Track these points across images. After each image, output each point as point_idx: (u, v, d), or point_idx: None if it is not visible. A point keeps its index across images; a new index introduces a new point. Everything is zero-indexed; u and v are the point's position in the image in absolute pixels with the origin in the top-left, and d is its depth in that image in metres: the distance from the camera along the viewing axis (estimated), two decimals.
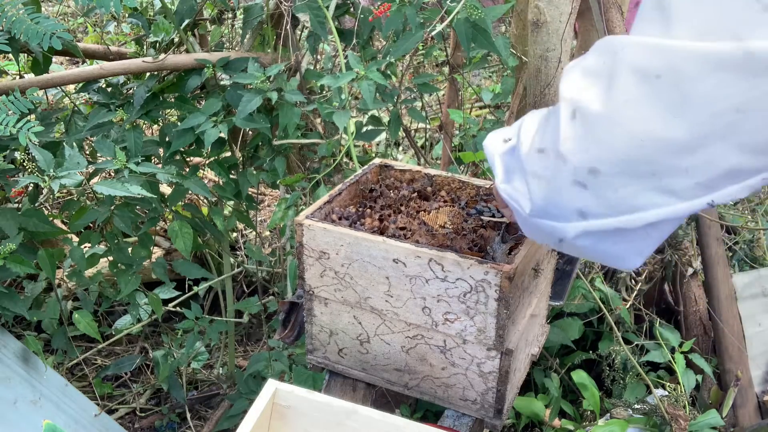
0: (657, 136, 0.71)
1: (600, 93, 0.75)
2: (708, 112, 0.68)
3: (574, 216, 0.83)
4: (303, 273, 1.35)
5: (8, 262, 1.70)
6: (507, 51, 1.79)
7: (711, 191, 0.72)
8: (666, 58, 0.69)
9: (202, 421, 2.45)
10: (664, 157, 0.72)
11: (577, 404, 2.21)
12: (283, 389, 1.17)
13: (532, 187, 0.87)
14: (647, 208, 0.76)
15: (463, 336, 1.24)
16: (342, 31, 2.01)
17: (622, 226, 0.79)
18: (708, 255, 2.24)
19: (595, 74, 0.77)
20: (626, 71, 0.72)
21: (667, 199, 0.75)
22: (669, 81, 0.69)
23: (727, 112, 0.67)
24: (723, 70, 0.66)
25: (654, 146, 0.72)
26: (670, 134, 0.71)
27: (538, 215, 0.88)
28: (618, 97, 0.73)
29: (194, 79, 1.96)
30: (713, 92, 0.67)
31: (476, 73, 4.64)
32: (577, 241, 0.85)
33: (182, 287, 2.43)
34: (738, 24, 0.65)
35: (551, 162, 0.83)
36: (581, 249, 0.87)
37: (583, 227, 0.82)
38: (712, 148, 0.70)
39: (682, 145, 0.71)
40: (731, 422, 2.17)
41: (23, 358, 1.93)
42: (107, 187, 1.61)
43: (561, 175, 0.81)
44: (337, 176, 2.33)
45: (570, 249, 0.90)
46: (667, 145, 0.71)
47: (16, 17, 1.57)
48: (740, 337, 2.23)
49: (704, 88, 0.67)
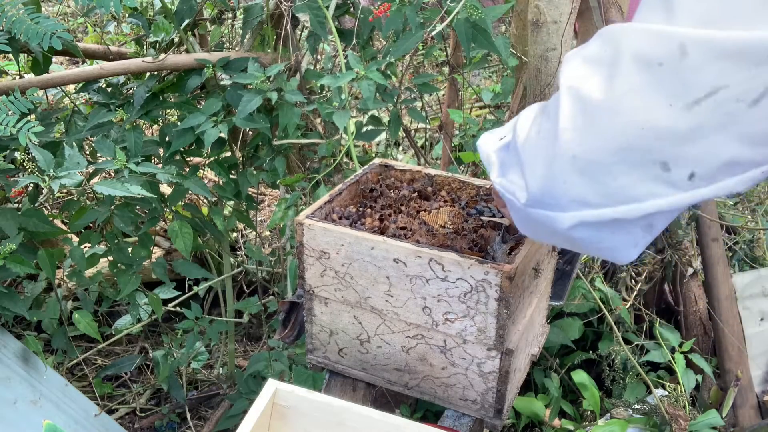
0: (658, 125, 0.71)
1: (601, 81, 0.75)
2: (709, 102, 0.68)
3: (570, 205, 0.81)
4: (303, 273, 1.35)
5: (8, 262, 1.70)
6: (507, 51, 1.79)
7: (710, 183, 0.72)
8: (668, 46, 0.69)
9: (202, 421, 2.45)
10: (665, 147, 0.71)
11: (577, 404, 2.21)
12: (284, 389, 1.17)
13: (528, 177, 0.86)
14: (645, 198, 0.75)
15: (464, 336, 1.24)
16: (342, 31, 2.01)
17: (619, 217, 0.78)
18: (708, 255, 2.24)
19: (596, 62, 0.76)
20: (628, 59, 0.72)
21: (665, 189, 0.74)
22: (671, 69, 0.69)
23: (727, 101, 0.67)
24: (725, 59, 0.66)
25: (655, 135, 0.71)
26: (671, 123, 0.70)
27: (533, 205, 0.87)
28: (619, 85, 0.73)
29: (194, 79, 1.96)
30: (715, 81, 0.67)
31: (476, 73, 4.64)
32: (573, 232, 0.83)
33: (182, 287, 2.43)
34: (741, 13, 0.65)
35: (549, 151, 0.81)
36: (576, 240, 0.86)
37: (579, 217, 0.81)
38: (712, 139, 0.69)
39: (683, 135, 0.70)
40: (731, 422, 2.17)
41: (23, 358, 1.93)
42: (107, 187, 1.61)
43: (558, 164, 0.80)
44: (337, 176, 2.33)
45: (565, 241, 0.89)
46: (668, 134, 0.71)
47: (16, 17, 1.57)
48: (740, 337, 2.23)
49: (706, 76, 0.67)
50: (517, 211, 0.92)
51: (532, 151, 0.86)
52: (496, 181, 0.95)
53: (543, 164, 0.83)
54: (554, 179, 0.82)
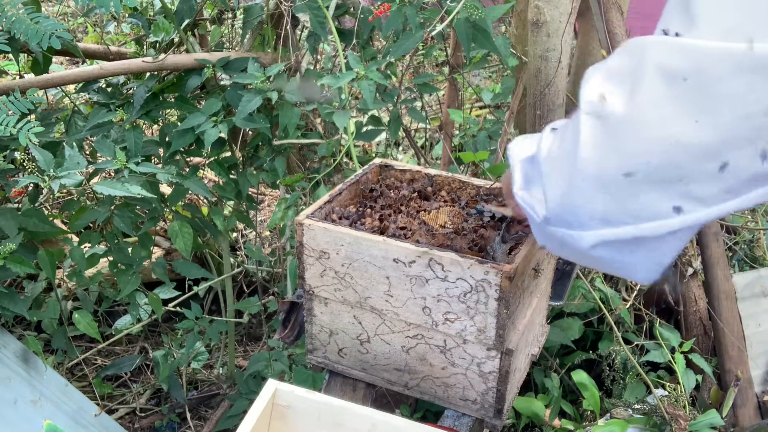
0: (683, 140, 0.69)
1: (624, 95, 0.73)
2: (736, 115, 0.66)
3: (590, 224, 0.79)
4: (303, 273, 1.35)
5: (8, 262, 1.70)
6: (507, 51, 1.79)
7: (736, 196, 0.71)
8: (692, 59, 0.67)
9: (202, 421, 2.45)
10: (691, 162, 0.70)
11: (577, 404, 2.21)
12: (283, 389, 1.17)
13: (549, 194, 0.84)
14: (670, 215, 0.73)
15: (463, 336, 1.24)
16: (342, 31, 2.01)
17: (641, 234, 0.76)
18: (708, 255, 2.24)
19: (618, 76, 0.75)
20: (651, 73, 0.70)
21: (692, 205, 0.72)
22: (696, 83, 0.67)
23: (755, 114, 0.66)
24: (752, 72, 0.64)
25: (680, 150, 0.69)
26: (698, 138, 0.68)
27: (553, 223, 0.85)
28: (643, 100, 0.71)
29: (194, 79, 1.96)
30: (742, 94, 0.65)
31: (476, 73, 4.64)
32: (593, 251, 0.81)
33: (182, 287, 2.43)
34: (765, 24, 0.64)
35: (569, 167, 0.79)
36: (597, 259, 0.83)
37: (600, 236, 0.79)
38: (739, 152, 0.68)
39: (710, 150, 0.68)
40: (731, 422, 2.17)
41: (23, 358, 1.93)
42: (107, 187, 1.61)
43: (578, 181, 0.78)
44: (337, 176, 2.33)
45: (587, 260, 0.87)
46: (694, 149, 0.69)
47: (16, 17, 1.57)
48: (740, 337, 2.23)
49: (732, 90, 0.66)
50: (537, 226, 0.90)
51: (553, 167, 0.84)
52: (518, 193, 0.93)
53: (563, 181, 0.81)
54: (574, 196, 0.80)
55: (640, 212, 0.75)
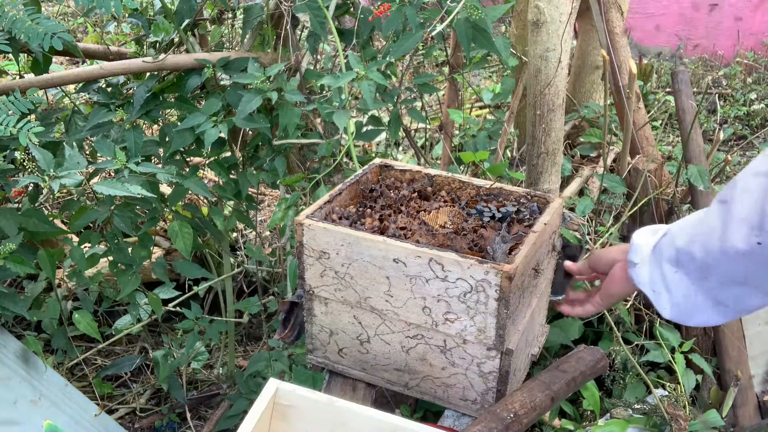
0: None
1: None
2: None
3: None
4: (303, 273, 1.35)
5: (8, 262, 1.70)
6: (507, 51, 1.79)
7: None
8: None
9: (202, 421, 2.45)
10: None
11: (577, 404, 2.21)
12: (285, 389, 1.17)
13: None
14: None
15: (463, 336, 1.24)
16: (342, 31, 2.01)
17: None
18: None
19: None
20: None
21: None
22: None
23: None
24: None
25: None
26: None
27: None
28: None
29: (194, 79, 1.96)
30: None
31: (476, 73, 4.64)
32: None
33: (182, 287, 2.43)
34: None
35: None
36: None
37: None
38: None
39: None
40: (731, 422, 2.17)
41: (23, 358, 1.93)
42: (107, 187, 1.61)
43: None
44: (337, 176, 2.33)
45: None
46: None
47: (16, 17, 1.57)
48: (740, 337, 2.23)
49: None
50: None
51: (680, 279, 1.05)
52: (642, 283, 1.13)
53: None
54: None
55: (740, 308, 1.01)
